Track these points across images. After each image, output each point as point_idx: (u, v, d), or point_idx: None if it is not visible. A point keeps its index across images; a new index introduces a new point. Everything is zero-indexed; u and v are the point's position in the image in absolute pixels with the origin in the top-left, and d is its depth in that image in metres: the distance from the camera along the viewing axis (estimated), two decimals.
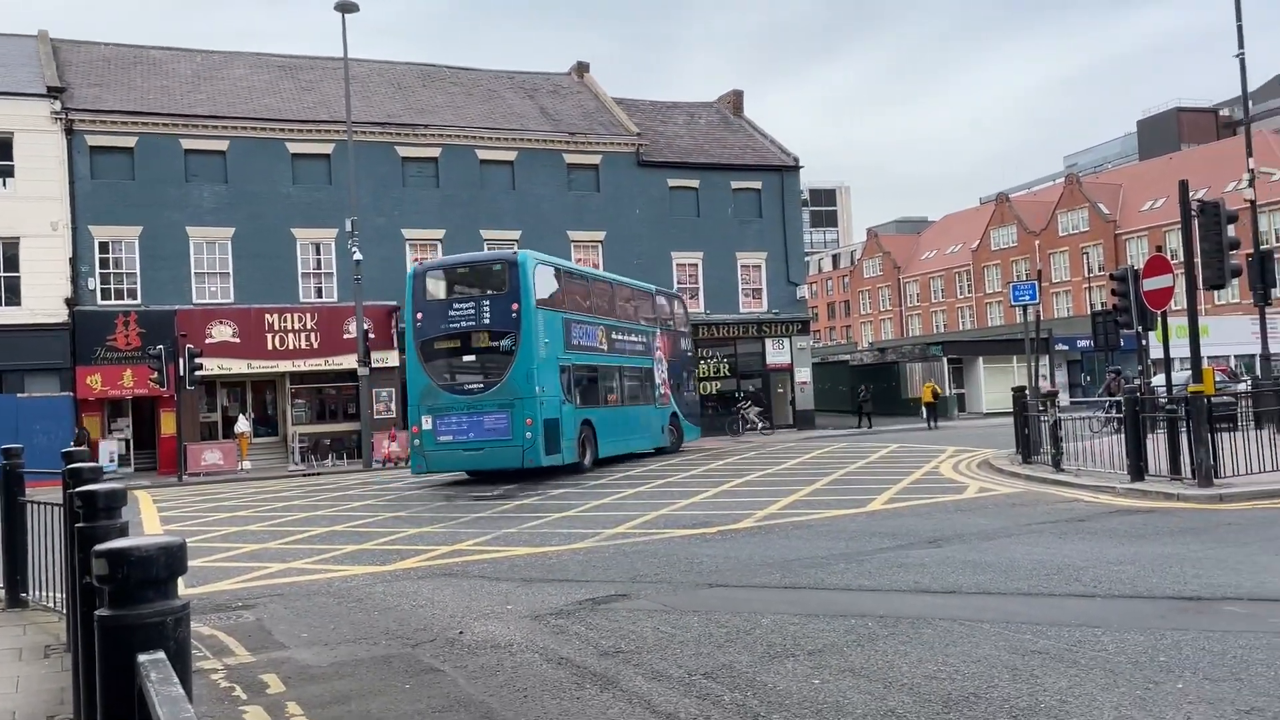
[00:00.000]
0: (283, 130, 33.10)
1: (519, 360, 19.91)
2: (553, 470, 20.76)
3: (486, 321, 20.37)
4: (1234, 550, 9.11)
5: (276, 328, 31.80)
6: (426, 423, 20.47)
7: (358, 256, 29.45)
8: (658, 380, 26.50)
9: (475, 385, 20.35)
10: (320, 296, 33.18)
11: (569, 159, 36.39)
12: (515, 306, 20.03)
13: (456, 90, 38.62)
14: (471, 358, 20.68)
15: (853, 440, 30.24)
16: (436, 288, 21.76)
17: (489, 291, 21.11)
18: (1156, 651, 5.95)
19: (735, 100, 44.61)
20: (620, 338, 24.65)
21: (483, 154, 35.32)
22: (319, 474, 28.25)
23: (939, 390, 41.47)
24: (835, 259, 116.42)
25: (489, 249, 35.17)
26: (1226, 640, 6.10)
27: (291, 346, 31.87)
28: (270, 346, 31.65)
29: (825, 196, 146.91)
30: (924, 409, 38.29)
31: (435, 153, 34.72)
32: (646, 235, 36.78)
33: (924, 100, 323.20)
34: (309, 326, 32.13)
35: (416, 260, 34.01)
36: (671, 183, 37.90)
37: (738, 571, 9.38)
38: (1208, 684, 5.30)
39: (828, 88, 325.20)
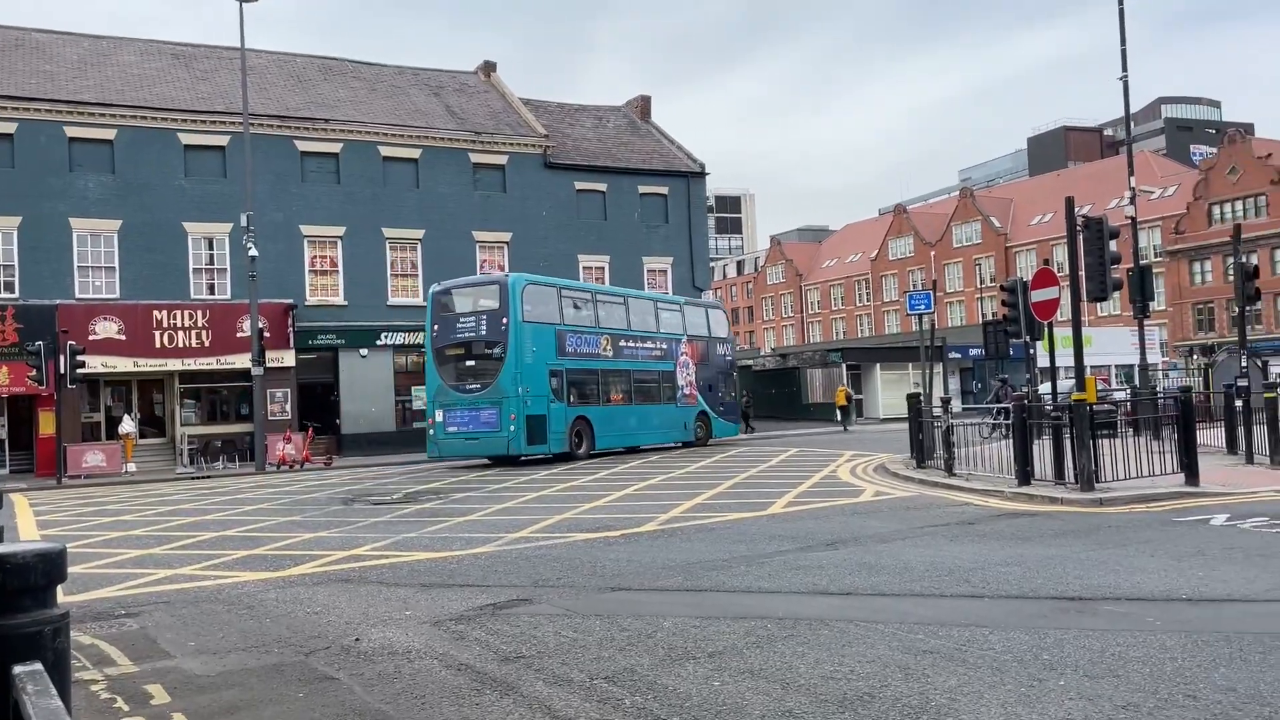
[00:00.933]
0: (175, 120, 31.96)
1: (506, 366, 23.73)
2: (543, 458, 24.94)
3: (483, 333, 24.41)
4: (1113, 552, 9.53)
5: (165, 325, 30.67)
6: (439, 416, 24.73)
7: (253, 252, 28.64)
8: (680, 382, 29.31)
9: (474, 386, 24.27)
10: (213, 293, 32.14)
11: (475, 159, 36.05)
12: (504, 321, 23.83)
13: (359, 85, 37.88)
14: (472, 363, 24.54)
15: (752, 445, 30.66)
16: (448, 303, 25.72)
17: (486, 307, 24.67)
18: (1041, 650, 6.18)
19: (643, 105, 44.85)
20: (630, 345, 27.68)
21: (386, 151, 34.73)
22: (209, 477, 27.33)
23: (850, 394, 42.62)
24: (739, 265, 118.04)
25: (390, 247, 34.61)
26: (1106, 639, 6.37)
27: (181, 344, 30.78)
28: (159, 344, 30.50)
29: (730, 203, 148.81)
30: (838, 411, 39.47)
31: (336, 148, 34.00)
32: (553, 237, 36.68)
33: (829, 110, 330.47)
34: (200, 324, 31.08)
35: (314, 259, 33.25)
36: (579, 185, 37.88)
37: (640, 575, 9.41)
38: (1088, 681, 5.53)
39: (733, 95, 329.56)
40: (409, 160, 35.04)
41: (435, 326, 25.35)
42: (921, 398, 18.76)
